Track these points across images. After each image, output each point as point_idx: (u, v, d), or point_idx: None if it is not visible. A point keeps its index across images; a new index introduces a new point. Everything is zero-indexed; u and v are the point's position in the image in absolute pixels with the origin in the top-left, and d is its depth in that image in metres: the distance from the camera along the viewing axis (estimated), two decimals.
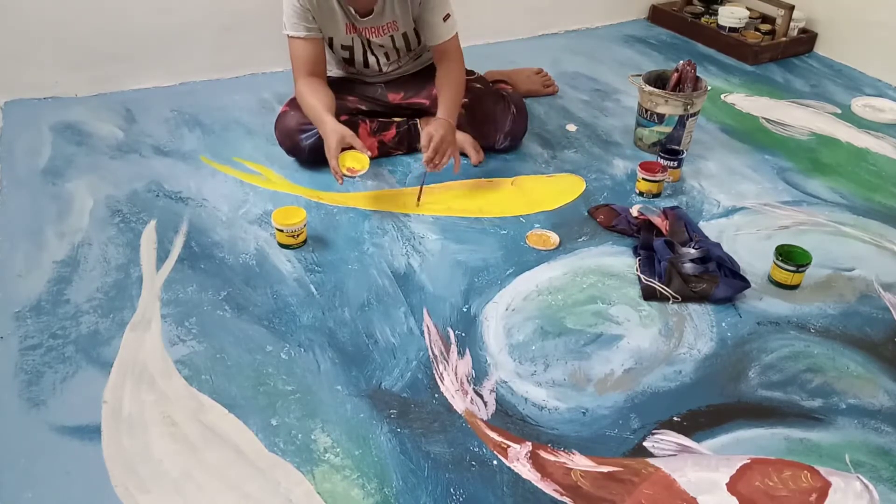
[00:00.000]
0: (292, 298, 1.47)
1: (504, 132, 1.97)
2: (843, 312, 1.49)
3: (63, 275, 1.50)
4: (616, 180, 1.91)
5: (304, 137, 1.84)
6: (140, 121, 2.09)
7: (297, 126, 1.84)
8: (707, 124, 2.20)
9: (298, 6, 1.71)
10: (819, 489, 1.12)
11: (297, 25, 1.73)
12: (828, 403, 1.28)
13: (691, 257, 1.54)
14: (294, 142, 1.86)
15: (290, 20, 1.73)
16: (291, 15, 1.73)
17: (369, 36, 1.82)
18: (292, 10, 1.72)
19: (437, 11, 1.79)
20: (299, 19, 1.73)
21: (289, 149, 1.89)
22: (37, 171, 1.83)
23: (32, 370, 1.28)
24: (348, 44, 1.84)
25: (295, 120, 1.84)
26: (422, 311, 1.45)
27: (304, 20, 1.73)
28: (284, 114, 1.87)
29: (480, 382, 1.30)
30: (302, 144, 1.85)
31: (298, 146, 1.86)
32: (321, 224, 1.69)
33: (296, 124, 1.84)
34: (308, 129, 1.82)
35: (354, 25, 1.79)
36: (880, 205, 1.85)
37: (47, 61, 2.13)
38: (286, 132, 1.86)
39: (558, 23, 2.88)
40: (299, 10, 1.72)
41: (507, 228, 1.70)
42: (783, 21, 2.69)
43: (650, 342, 1.40)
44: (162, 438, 1.17)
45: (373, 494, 1.10)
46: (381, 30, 1.81)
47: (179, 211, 1.71)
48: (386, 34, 1.82)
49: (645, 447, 1.19)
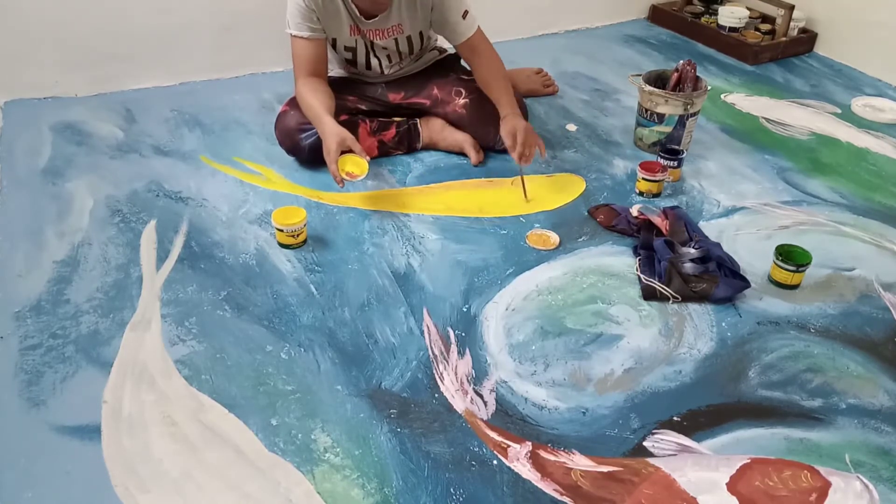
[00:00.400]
0: (292, 298, 1.47)
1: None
2: (843, 312, 1.49)
3: (63, 275, 1.50)
4: (616, 180, 1.91)
5: (303, 137, 1.84)
6: (140, 121, 2.09)
7: (297, 126, 1.83)
8: (707, 124, 2.20)
9: (303, 6, 1.71)
10: (819, 489, 1.12)
11: (301, 25, 1.73)
12: (828, 403, 1.28)
13: (691, 257, 1.54)
14: (294, 141, 1.85)
15: (294, 19, 1.73)
16: (295, 14, 1.72)
17: (373, 38, 1.82)
18: (297, 9, 1.72)
19: (455, 10, 1.79)
20: (303, 19, 1.72)
21: (289, 148, 1.89)
22: (37, 170, 1.83)
23: (32, 370, 1.28)
24: (351, 45, 1.84)
25: (295, 119, 1.83)
26: (422, 311, 1.45)
27: (308, 20, 1.73)
28: (284, 113, 1.87)
29: (480, 382, 1.30)
30: (302, 144, 1.85)
31: (298, 146, 1.86)
32: (321, 224, 1.69)
33: (295, 124, 1.84)
34: (308, 128, 1.82)
35: (358, 27, 1.79)
36: (880, 204, 1.85)
37: (47, 61, 2.13)
38: (286, 132, 1.86)
39: (558, 22, 2.88)
40: (304, 10, 1.71)
41: (507, 228, 1.70)
42: (783, 21, 2.69)
43: (650, 342, 1.40)
44: (162, 438, 1.17)
45: (373, 494, 1.10)
46: (386, 32, 1.81)
47: (179, 211, 1.71)
48: (390, 37, 1.82)
49: (645, 447, 1.19)
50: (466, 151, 1.96)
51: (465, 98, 1.93)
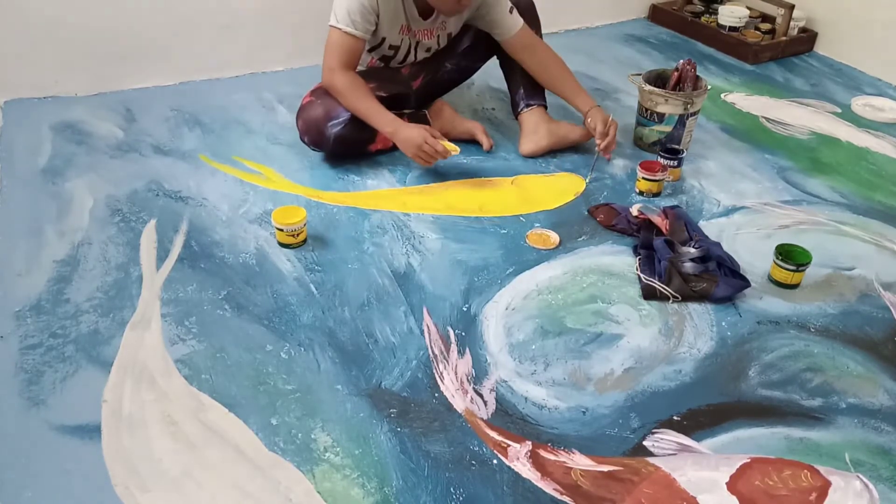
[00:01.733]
0: (292, 298, 1.47)
1: None
2: (843, 312, 1.49)
3: (63, 274, 1.50)
4: (616, 179, 1.91)
5: (331, 125, 1.79)
6: (140, 120, 2.09)
7: (326, 115, 1.78)
8: (707, 123, 2.20)
9: (366, 4, 1.69)
10: (819, 488, 1.12)
11: (357, 23, 1.71)
12: (828, 403, 1.28)
13: (691, 256, 1.54)
14: (320, 131, 1.80)
15: (352, 16, 1.70)
16: (354, 11, 1.70)
17: (420, 37, 1.83)
18: (356, 6, 1.69)
19: (502, 6, 1.82)
20: (361, 18, 1.71)
21: (314, 139, 1.83)
22: (37, 170, 1.83)
23: (32, 369, 1.28)
24: (397, 43, 1.85)
25: (323, 109, 1.79)
26: (422, 311, 1.45)
27: (365, 20, 1.72)
28: (310, 104, 1.81)
29: (480, 382, 1.30)
30: (328, 133, 1.80)
31: (324, 136, 1.81)
32: (321, 223, 1.69)
33: (324, 113, 1.78)
34: (336, 116, 1.79)
35: (409, 27, 1.80)
36: (880, 204, 1.85)
37: (47, 60, 2.13)
38: (312, 122, 1.81)
39: (558, 22, 2.87)
40: (364, 10, 1.70)
41: (507, 228, 1.70)
42: (783, 20, 2.69)
43: (650, 341, 1.40)
44: (162, 437, 1.17)
45: (373, 493, 1.10)
46: (433, 31, 1.83)
47: (179, 210, 1.71)
48: (435, 36, 1.84)
49: (645, 446, 1.19)
50: (477, 138, 1.98)
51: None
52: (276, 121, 2.11)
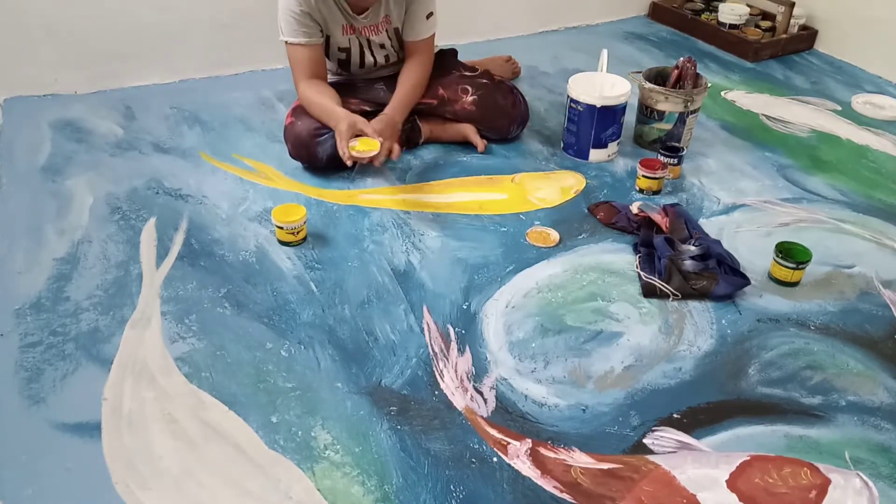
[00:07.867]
0: (292, 296, 1.47)
1: (517, 122, 2.00)
2: (843, 309, 1.49)
3: (63, 272, 1.50)
4: (616, 177, 1.91)
5: (320, 142, 1.77)
6: (140, 118, 2.09)
7: (310, 133, 1.77)
8: (707, 121, 2.20)
9: (298, 12, 1.69)
10: (819, 486, 1.12)
11: (297, 32, 1.71)
12: (827, 400, 1.28)
13: (691, 254, 1.54)
14: (310, 151, 1.79)
15: (290, 27, 1.71)
16: (291, 22, 1.70)
17: (369, 35, 1.81)
18: (290, 16, 1.69)
19: (424, 7, 1.79)
20: (298, 25, 1.71)
21: (305, 159, 1.83)
22: (36, 168, 1.83)
23: (32, 367, 1.28)
24: (345, 45, 1.83)
25: (306, 127, 1.77)
26: (422, 309, 1.45)
27: (303, 26, 1.71)
28: (292, 125, 1.80)
29: (480, 379, 1.30)
30: (319, 153, 1.79)
31: (315, 155, 1.79)
32: (321, 221, 1.69)
33: (307, 132, 1.77)
34: (322, 133, 1.77)
35: (353, 26, 1.78)
36: (880, 202, 1.85)
37: (47, 58, 2.13)
38: (299, 142, 1.79)
39: (558, 19, 2.87)
40: (298, 16, 1.69)
41: (508, 225, 1.70)
42: (783, 18, 2.69)
43: (650, 339, 1.40)
44: (162, 435, 1.17)
45: (373, 491, 1.10)
46: (379, 27, 1.81)
47: (179, 208, 1.71)
48: (382, 31, 1.82)
49: (645, 444, 1.19)
50: (471, 139, 1.97)
51: (473, 95, 1.92)
52: (275, 118, 2.11)
